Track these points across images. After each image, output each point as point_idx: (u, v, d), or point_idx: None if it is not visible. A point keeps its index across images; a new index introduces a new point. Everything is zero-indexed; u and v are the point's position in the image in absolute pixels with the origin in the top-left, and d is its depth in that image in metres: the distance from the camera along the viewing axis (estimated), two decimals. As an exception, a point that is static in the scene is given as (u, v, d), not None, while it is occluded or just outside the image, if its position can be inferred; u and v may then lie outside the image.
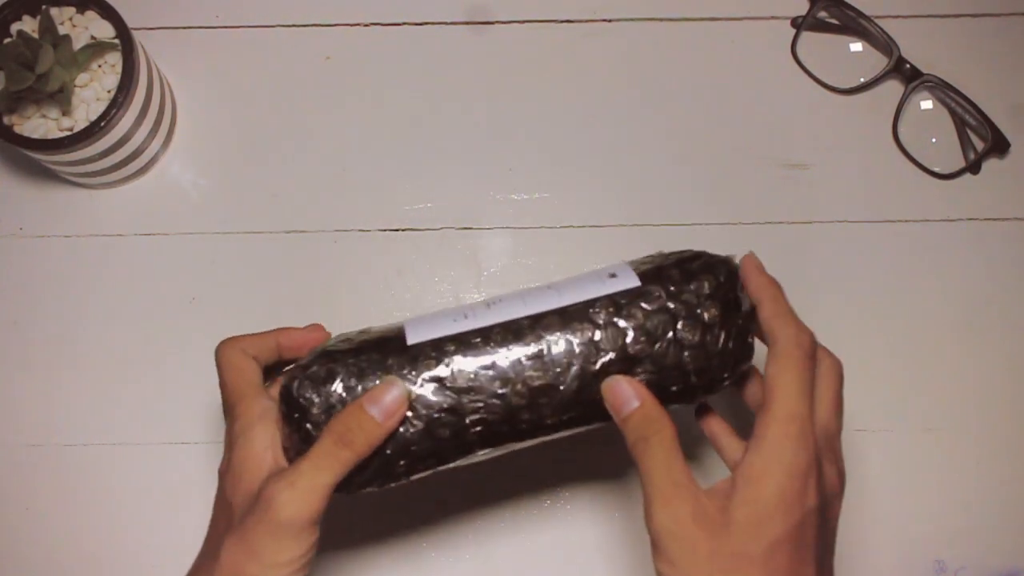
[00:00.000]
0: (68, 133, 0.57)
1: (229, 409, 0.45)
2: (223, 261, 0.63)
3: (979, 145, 0.64)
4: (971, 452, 0.60)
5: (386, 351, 0.45)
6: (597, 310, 0.45)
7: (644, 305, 0.45)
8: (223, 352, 0.47)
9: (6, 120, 0.58)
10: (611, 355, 0.44)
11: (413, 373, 0.44)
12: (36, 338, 0.62)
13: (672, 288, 0.45)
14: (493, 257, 0.63)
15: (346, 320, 0.58)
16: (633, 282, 0.45)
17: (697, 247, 0.62)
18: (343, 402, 0.44)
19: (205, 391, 0.61)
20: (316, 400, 0.44)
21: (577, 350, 0.44)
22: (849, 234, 0.63)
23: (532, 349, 0.44)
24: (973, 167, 0.64)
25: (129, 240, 0.63)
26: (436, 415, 0.44)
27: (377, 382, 0.44)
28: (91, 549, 0.59)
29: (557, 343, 0.44)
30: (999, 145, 0.63)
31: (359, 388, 0.44)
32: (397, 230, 0.64)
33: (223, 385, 0.46)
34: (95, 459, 0.60)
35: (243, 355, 0.47)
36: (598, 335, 0.44)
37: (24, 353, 0.61)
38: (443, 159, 0.64)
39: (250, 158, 0.64)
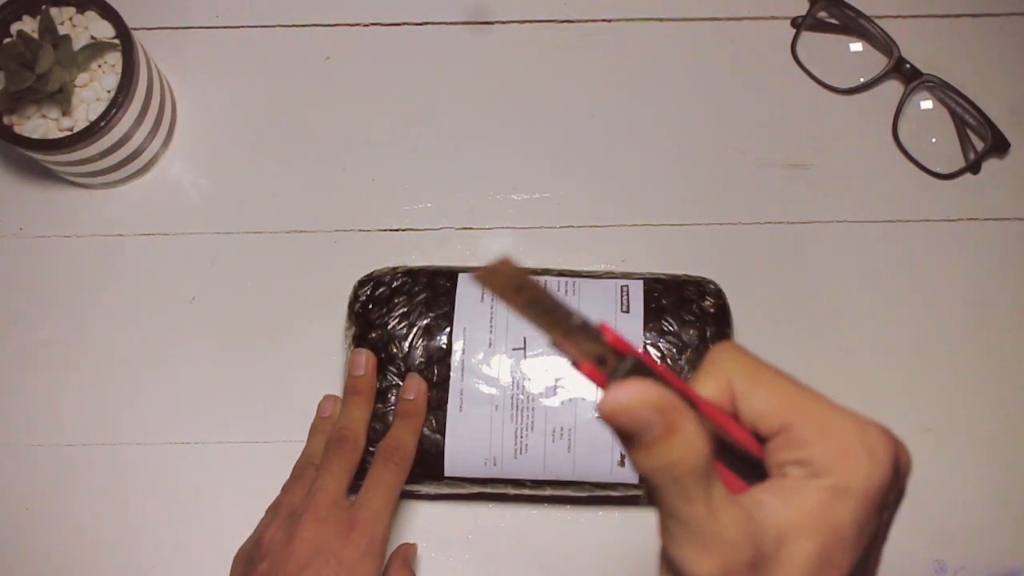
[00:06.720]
0: (68, 133, 0.57)
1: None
2: (223, 261, 0.63)
3: (979, 145, 0.64)
4: (971, 452, 0.60)
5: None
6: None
7: None
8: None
9: (6, 120, 0.58)
10: None
11: None
12: (36, 338, 0.62)
13: None
14: (493, 257, 0.63)
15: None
16: None
17: (698, 247, 0.63)
18: None
19: (205, 391, 0.61)
20: None
21: None
22: (849, 234, 0.63)
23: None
24: (973, 167, 0.64)
25: (129, 240, 0.63)
26: None
27: None
28: (91, 549, 0.59)
29: None
30: (999, 145, 0.63)
31: None
32: (397, 230, 0.64)
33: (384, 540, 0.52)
34: (95, 459, 0.60)
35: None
36: None
37: (24, 353, 0.61)
38: (443, 159, 0.64)
39: (250, 158, 0.64)
